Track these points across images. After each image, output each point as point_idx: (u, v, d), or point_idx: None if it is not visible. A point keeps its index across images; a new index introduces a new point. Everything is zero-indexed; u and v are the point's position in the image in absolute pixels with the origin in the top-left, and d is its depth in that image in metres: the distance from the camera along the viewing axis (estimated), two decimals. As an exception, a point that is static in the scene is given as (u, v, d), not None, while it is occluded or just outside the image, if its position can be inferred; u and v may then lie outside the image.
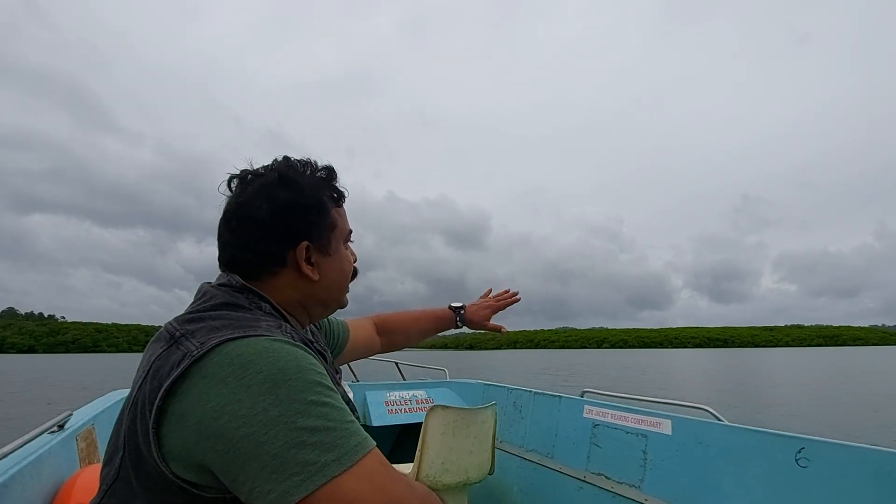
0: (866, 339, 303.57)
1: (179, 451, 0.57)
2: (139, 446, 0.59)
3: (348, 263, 0.86)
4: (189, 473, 0.57)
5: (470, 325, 1.39)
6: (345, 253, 0.85)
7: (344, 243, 0.85)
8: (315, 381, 0.60)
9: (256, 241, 0.74)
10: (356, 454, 0.57)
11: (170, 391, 0.57)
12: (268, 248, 0.75)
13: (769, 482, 1.39)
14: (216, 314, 0.66)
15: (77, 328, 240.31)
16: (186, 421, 0.56)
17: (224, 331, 0.61)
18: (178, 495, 0.58)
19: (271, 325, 0.67)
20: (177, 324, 0.65)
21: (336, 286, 0.84)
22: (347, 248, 0.87)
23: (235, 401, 0.55)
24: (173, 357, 0.60)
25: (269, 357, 0.58)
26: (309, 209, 0.78)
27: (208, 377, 0.57)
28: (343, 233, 0.85)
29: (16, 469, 1.02)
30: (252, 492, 0.55)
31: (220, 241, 0.78)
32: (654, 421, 1.81)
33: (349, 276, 0.86)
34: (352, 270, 0.87)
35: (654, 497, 1.70)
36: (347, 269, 0.85)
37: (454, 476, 1.96)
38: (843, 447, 1.25)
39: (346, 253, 0.86)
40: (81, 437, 1.43)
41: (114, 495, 0.61)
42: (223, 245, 0.77)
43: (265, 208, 0.74)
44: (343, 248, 0.85)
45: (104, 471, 0.65)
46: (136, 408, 0.60)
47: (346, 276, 0.85)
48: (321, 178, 0.82)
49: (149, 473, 0.58)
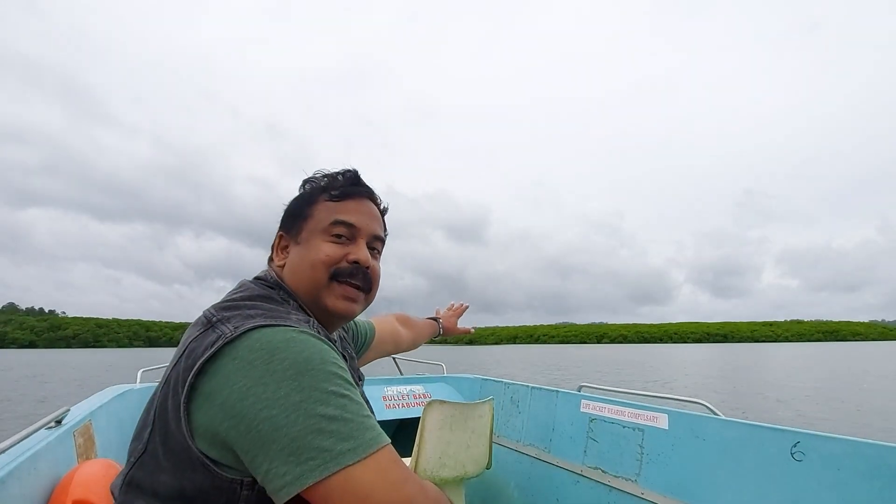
0: (866, 334, 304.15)
1: (206, 428, 0.60)
2: (169, 422, 0.63)
3: (315, 252, 0.80)
4: (213, 451, 0.61)
5: (446, 332, 1.72)
6: (317, 243, 0.81)
7: (323, 234, 0.81)
8: (336, 373, 0.63)
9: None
10: (371, 447, 0.59)
11: (202, 370, 0.62)
12: (272, 244, 0.87)
13: (765, 475, 1.39)
14: (251, 304, 0.71)
15: (78, 323, 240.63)
16: (214, 399, 0.60)
17: (257, 319, 0.66)
18: (201, 472, 0.61)
19: (300, 319, 0.71)
20: (214, 310, 0.70)
21: (299, 273, 0.80)
22: (332, 241, 0.81)
23: (261, 384, 0.59)
24: (208, 339, 0.64)
25: (295, 346, 0.62)
26: (293, 203, 0.85)
27: (238, 359, 0.61)
28: (319, 224, 0.81)
29: (13, 465, 1.02)
30: (269, 472, 0.57)
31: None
32: (650, 415, 1.81)
33: (316, 265, 0.80)
34: (324, 262, 0.80)
35: (651, 490, 1.71)
36: (312, 257, 0.80)
37: (451, 470, 1.97)
38: (837, 440, 1.26)
39: (320, 243, 0.81)
40: (79, 432, 1.43)
41: (141, 467, 0.65)
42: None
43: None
44: (318, 239, 0.81)
45: (133, 444, 0.68)
46: (169, 385, 0.64)
47: (310, 263, 0.80)
48: (326, 180, 0.86)
49: (175, 449, 0.62)
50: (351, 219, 0.82)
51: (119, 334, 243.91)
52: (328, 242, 0.81)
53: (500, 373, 21.21)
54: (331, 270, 0.80)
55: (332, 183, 0.84)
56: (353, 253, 0.81)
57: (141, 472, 0.64)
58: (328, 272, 0.80)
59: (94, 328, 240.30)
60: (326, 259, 0.80)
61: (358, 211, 0.83)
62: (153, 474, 0.63)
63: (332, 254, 0.81)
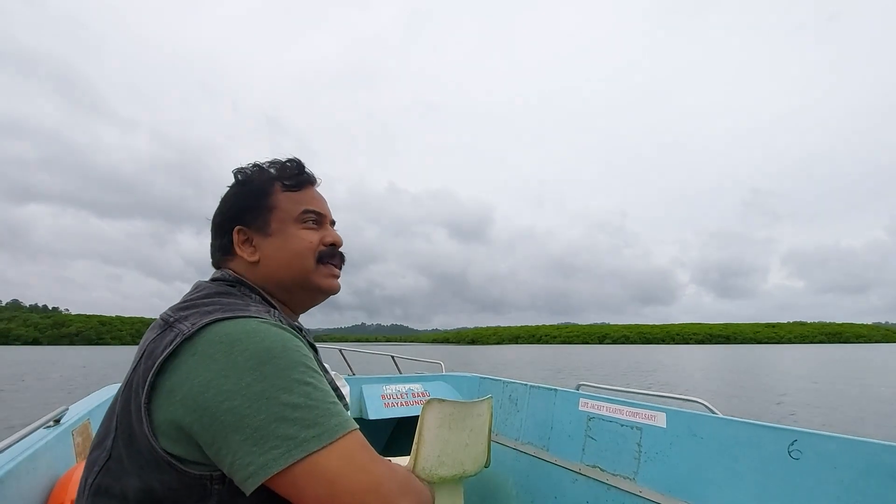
0: (869, 336, 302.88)
1: (168, 426, 0.60)
2: (132, 424, 0.62)
3: (298, 241, 0.83)
4: (178, 448, 0.60)
5: None
6: (294, 232, 0.83)
7: (297, 223, 0.84)
8: (300, 361, 0.63)
9: (213, 237, 0.86)
10: (336, 433, 0.59)
11: (161, 368, 0.61)
12: (218, 240, 0.85)
13: (762, 474, 1.39)
14: (209, 301, 0.71)
15: (81, 321, 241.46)
16: (175, 395, 0.59)
17: (215, 314, 0.65)
18: (167, 472, 0.60)
19: (260, 310, 0.71)
20: (171, 311, 0.70)
21: (283, 264, 0.82)
22: (308, 228, 0.85)
23: (222, 376, 0.58)
24: (166, 338, 0.63)
25: (256, 336, 0.62)
26: (244, 197, 0.85)
27: (197, 354, 0.61)
28: (288, 214, 0.84)
29: (12, 464, 1.02)
30: (233, 464, 0.57)
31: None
32: (648, 414, 1.81)
33: (303, 253, 0.83)
34: (311, 248, 0.84)
35: (649, 489, 1.71)
36: (297, 246, 0.83)
37: (450, 469, 1.97)
38: (834, 439, 1.26)
39: (299, 232, 0.84)
40: (77, 431, 1.44)
41: (107, 474, 0.64)
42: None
43: (218, 207, 0.86)
44: (293, 228, 0.84)
45: (94, 454, 0.67)
46: (130, 388, 0.64)
47: (295, 253, 0.83)
48: (274, 169, 0.86)
49: (140, 451, 0.61)
50: (318, 207, 0.87)
51: (122, 332, 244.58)
52: (305, 230, 0.85)
53: (497, 375, 21.22)
54: (316, 255, 0.84)
55: (282, 172, 0.87)
56: (328, 236, 0.87)
57: (108, 479, 0.63)
58: (315, 256, 0.84)
59: (98, 326, 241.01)
60: (311, 245, 0.84)
61: (319, 199, 0.89)
62: (120, 479, 0.62)
63: (314, 240, 0.85)
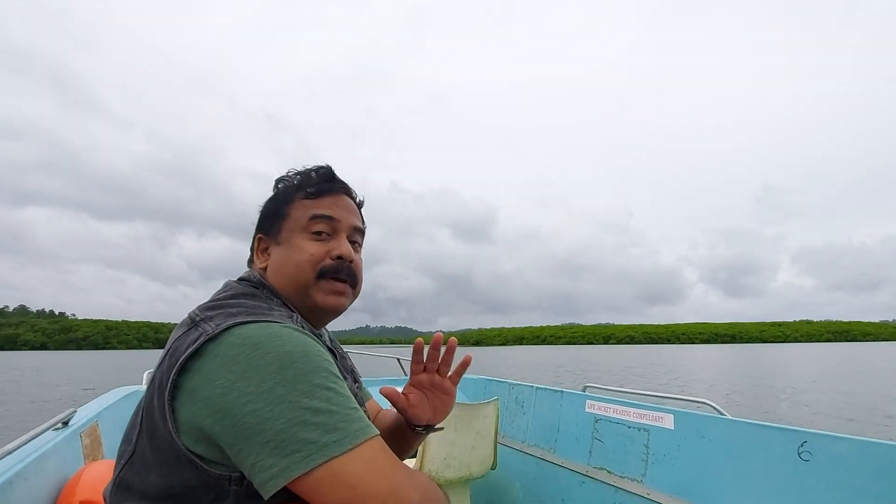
0: (876, 334, 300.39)
1: (191, 425, 0.61)
2: (156, 421, 0.63)
3: (299, 252, 0.80)
4: (199, 447, 0.61)
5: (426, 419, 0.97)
6: (298, 242, 0.80)
7: (303, 232, 0.81)
8: (321, 366, 0.63)
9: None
10: (357, 438, 0.59)
11: (184, 367, 0.62)
12: (251, 247, 0.88)
13: (771, 476, 1.38)
14: (234, 302, 0.72)
15: (88, 325, 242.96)
16: (198, 395, 0.60)
17: (239, 316, 0.66)
18: (188, 469, 0.61)
19: (283, 315, 0.72)
20: (198, 310, 0.71)
21: (285, 275, 0.80)
22: (314, 238, 0.81)
23: (244, 378, 0.59)
24: (190, 337, 0.65)
25: (278, 340, 0.62)
26: (269, 204, 0.86)
27: (220, 355, 0.61)
28: (297, 222, 0.81)
29: (20, 466, 1.03)
30: (255, 466, 0.57)
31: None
32: (656, 415, 1.80)
33: (302, 266, 0.79)
34: (310, 261, 0.79)
35: (657, 491, 1.70)
36: (297, 257, 0.79)
37: (456, 471, 1.97)
38: (845, 440, 1.24)
39: (302, 242, 0.80)
40: (86, 433, 1.44)
41: (131, 469, 0.66)
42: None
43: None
44: (299, 238, 0.81)
45: (122, 448, 0.69)
46: (155, 385, 0.65)
47: (294, 263, 0.79)
48: (300, 177, 0.86)
49: (162, 447, 0.62)
50: (329, 212, 0.81)
51: (128, 336, 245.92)
52: (310, 241, 0.80)
53: (502, 376, 21.17)
54: (317, 269, 0.80)
55: (306, 180, 0.84)
56: (336, 248, 0.81)
57: (130, 474, 0.65)
58: (315, 271, 0.79)
59: (104, 330, 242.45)
60: (311, 258, 0.79)
61: (335, 205, 0.83)
62: (142, 475, 0.64)
63: (316, 252, 0.80)
